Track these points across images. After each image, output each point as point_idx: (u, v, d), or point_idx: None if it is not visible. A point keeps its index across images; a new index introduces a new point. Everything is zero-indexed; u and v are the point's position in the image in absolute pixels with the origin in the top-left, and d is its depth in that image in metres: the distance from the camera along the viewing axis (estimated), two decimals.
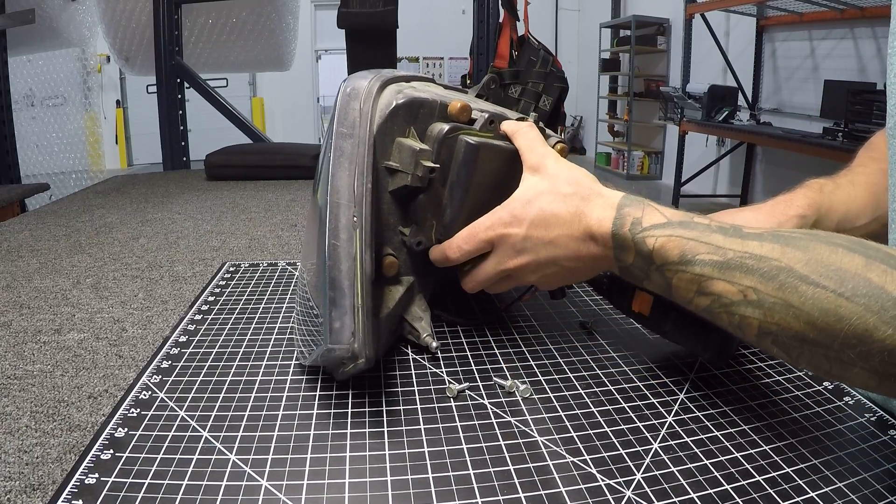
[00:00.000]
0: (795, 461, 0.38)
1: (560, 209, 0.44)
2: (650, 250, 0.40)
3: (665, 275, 0.40)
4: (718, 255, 0.37)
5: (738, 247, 0.36)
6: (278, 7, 2.72)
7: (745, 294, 0.35)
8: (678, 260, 0.38)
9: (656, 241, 0.39)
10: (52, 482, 0.36)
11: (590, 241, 0.43)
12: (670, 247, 0.39)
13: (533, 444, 0.39)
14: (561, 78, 0.69)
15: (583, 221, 0.43)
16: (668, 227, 0.40)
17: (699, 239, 0.38)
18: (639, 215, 0.41)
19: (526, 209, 0.45)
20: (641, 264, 0.41)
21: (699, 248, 0.38)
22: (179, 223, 1.04)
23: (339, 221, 0.42)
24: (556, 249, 0.44)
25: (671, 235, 0.39)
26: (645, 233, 0.40)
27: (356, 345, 0.39)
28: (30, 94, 3.78)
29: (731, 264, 0.36)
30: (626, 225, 0.41)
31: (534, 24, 3.17)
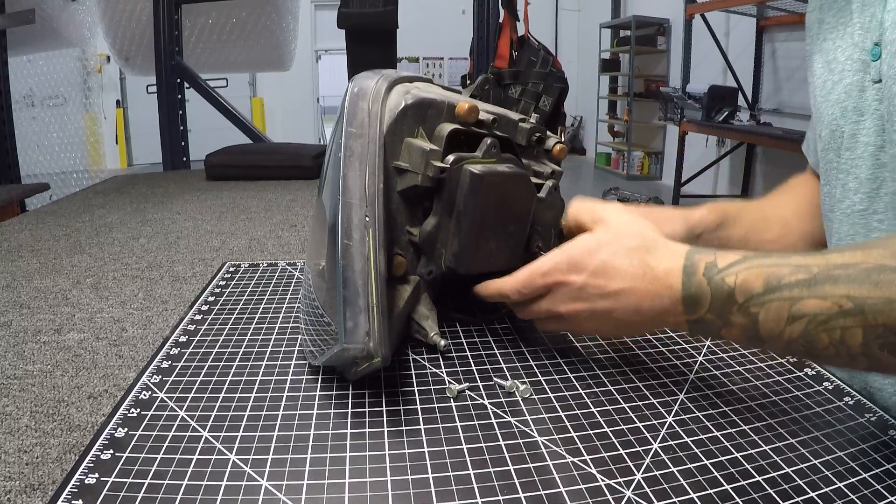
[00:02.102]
0: (795, 461, 0.38)
1: (624, 263, 0.43)
2: (731, 289, 0.38)
3: (750, 311, 0.38)
4: (803, 272, 0.36)
5: (821, 261, 0.36)
6: (278, 7, 2.72)
7: (841, 304, 0.34)
8: (763, 290, 0.37)
9: (737, 278, 0.38)
10: (52, 482, 0.36)
11: (654, 295, 0.42)
12: (753, 278, 0.37)
13: (533, 444, 0.39)
14: (561, 78, 0.69)
15: (648, 275, 0.42)
16: (745, 261, 0.39)
17: (779, 263, 0.37)
18: (712, 259, 0.40)
19: (587, 259, 0.44)
20: (720, 309, 0.39)
21: (782, 272, 0.36)
22: (179, 223, 1.04)
23: (351, 221, 0.42)
24: (616, 302, 0.43)
25: (751, 267, 0.38)
26: (723, 273, 0.39)
27: (371, 344, 0.39)
28: (30, 94, 3.78)
29: (819, 279, 0.35)
30: (699, 271, 0.40)
31: (534, 24, 3.18)
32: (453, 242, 0.50)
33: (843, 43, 0.53)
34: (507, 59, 2.69)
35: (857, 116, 0.51)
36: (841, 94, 0.53)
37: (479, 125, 0.51)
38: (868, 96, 0.50)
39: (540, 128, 0.56)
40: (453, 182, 0.48)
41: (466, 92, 0.61)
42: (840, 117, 0.53)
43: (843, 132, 0.53)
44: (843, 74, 0.53)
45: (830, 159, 0.55)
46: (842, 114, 0.53)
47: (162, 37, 2.18)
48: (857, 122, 0.51)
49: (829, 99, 0.54)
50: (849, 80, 0.52)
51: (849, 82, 0.52)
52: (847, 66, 0.52)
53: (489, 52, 2.69)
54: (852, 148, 0.52)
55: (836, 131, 0.54)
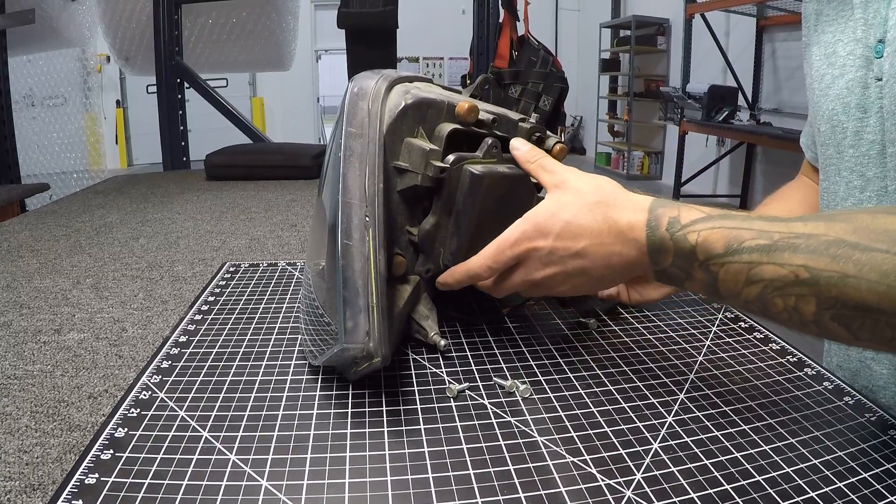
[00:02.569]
0: (795, 461, 0.38)
1: (586, 219, 0.43)
2: (693, 246, 0.39)
3: (710, 269, 0.38)
4: (764, 238, 0.36)
5: (783, 228, 0.36)
6: (278, 7, 2.72)
7: (797, 273, 0.34)
8: (724, 251, 0.37)
9: (699, 236, 0.38)
10: (52, 482, 0.36)
11: (621, 247, 0.42)
12: (714, 238, 0.38)
13: (533, 444, 0.39)
14: (561, 78, 0.69)
15: (612, 229, 0.42)
16: (708, 220, 0.39)
17: (742, 227, 0.37)
18: (675, 214, 0.40)
19: (551, 221, 0.44)
20: (682, 263, 0.40)
21: (744, 235, 0.37)
22: (179, 223, 1.04)
23: (351, 221, 0.42)
24: (585, 260, 0.44)
25: (713, 227, 0.38)
26: (685, 229, 0.39)
27: (371, 344, 0.39)
28: (30, 94, 3.78)
29: (779, 246, 0.35)
30: (662, 225, 0.40)
31: (534, 24, 3.18)
32: (452, 241, 0.50)
33: (844, 37, 0.53)
34: (507, 59, 2.69)
35: (860, 114, 0.51)
36: (842, 89, 0.52)
37: (479, 125, 0.51)
38: (871, 93, 0.50)
39: (540, 127, 0.56)
40: (453, 182, 0.48)
41: (466, 92, 0.61)
42: (842, 113, 0.53)
43: (845, 129, 0.52)
44: (844, 69, 0.52)
45: (830, 155, 0.55)
46: (843, 110, 0.52)
47: (162, 37, 2.18)
48: (860, 120, 0.51)
49: (828, 94, 0.54)
50: (851, 75, 0.52)
51: (851, 78, 0.52)
52: (849, 62, 0.52)
53: (489, 52, 2.69)
54: (857, 146, 0.51)
55: (837, 127, 0.53)
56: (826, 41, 0.55)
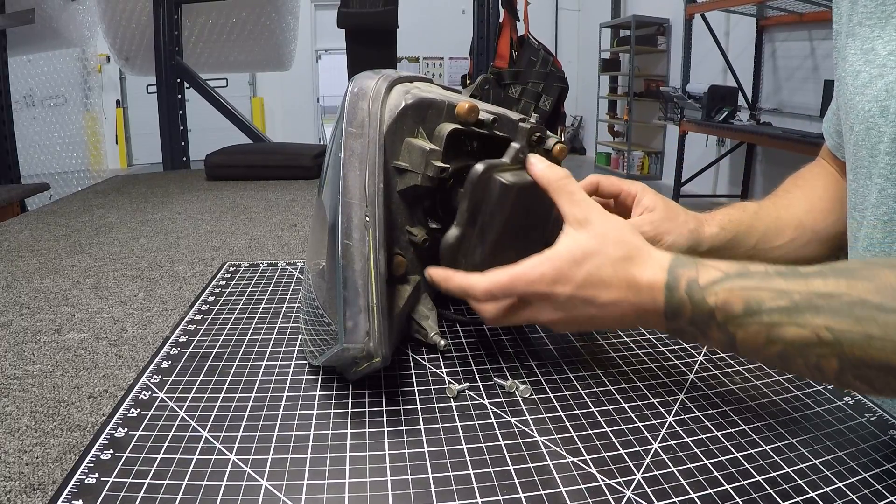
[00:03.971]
0: (795, 461, 0.38)
1: (609, 273, 0.42)
2: (712, 308, 0.38)
3: (728, 330, 0.38)
4: (784, 299, 0.35)
5: (803, 287, 0.35)
6: (278, 7, 2.72)
7: (819, 334, 0.34)
8: (743, 312, 0.37)
9: (717, 298, 0.38)
10: (52, 482, 0.36)
11: (638, 304, 0.41)
12: (733, 300, 0.37)
13: (533, 444, 0.39)
14: (561, 78, 0.69)
15: (632, 286, 0.41)
16: (726, 280, 0.38)
17: (761, 287, 0.37)
18: (694, 275, 0.39)
19: (574, 270, 0.42)
20: (699, 323, 0.39)
21: (763, 296, 0.36)
22: (179, 223, 1.04)
23: (351, 221, 0.42)
24: (600, 311, 0.43)
25: (732, 288, 0.37)
26: (704, 291, 0.38)
27: (371, 344, 0.39)
28: (30, 94, 3.78)
29: (800, 307, 0.35)
30: (681, 287, 0.39)
31: (534, 24, 3.18)
32: (475, 252, 0.48)
33: (885, 35, 0.50)
34: (507, 59, 2.69)
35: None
36: (881, 91, 0.50)
37: (479, 125, 0.51)
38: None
39: (540, 127, 0.56)
40: (480, 191, 0.47)
41: (466, 92, 0.61)
42: (879, 116, 0.50)
43: (881, 133, 0.50)
44: (883, 70, 0.50)
45: (863, 157, 0.53)
46: (881, 113, 0.50)
47: (162, 37, 2.18)
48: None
49: (864, 93, 0.52)
50: (891, 77, 0.49)
51: (891, 80, 0.49)
52: (889, 62, 0.49)
53: (489, 52, 2.69)
54: (893, 153, 0.49)
55: (873, 130, 0.51)
56: (863, 35, 0.53)
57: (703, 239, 0.56)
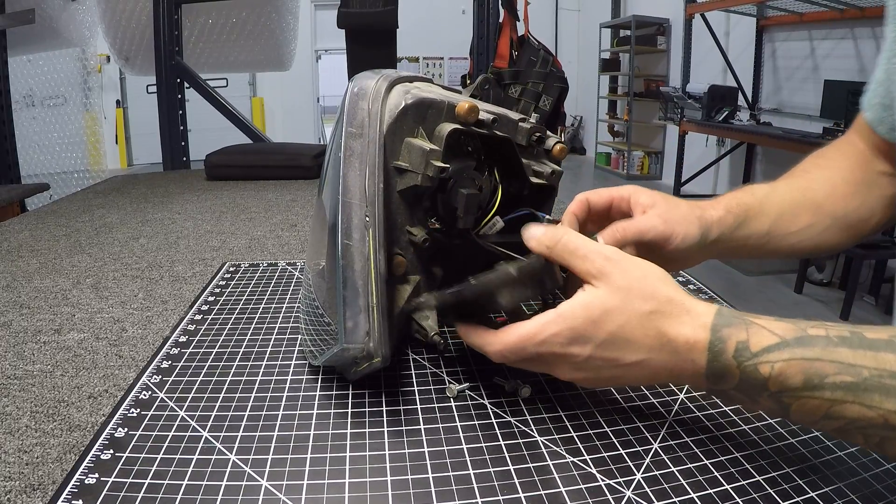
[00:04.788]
0: (795, 461, 0.38)
1: (637, 332, 0.37)
2: (765, 379, 0.34)
3: (782, 401, 0.34)
4: (850, 374, 0.32)
5: (872, 363, 0.32)
6: (278, 7, 2.72)
7: (888, 419, 0.31)
8: (802, 386, 0.33)
9: (773, 368, 0.34)
10: (52, 482, 0.36)
11: (674, 365, 0.37)
12: (791, 373, 0.33)
13: (533, 444, 0.39)
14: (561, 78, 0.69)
15: (666, 347, 0.36)
16: (783, 348, 0.34)
17: (824, 358, 0.33)
18: (744, 338, 0.35)
19: (592, 330, 0.37)
20: (749, 391, 0.35)
21: (826, 370, 0.32)
22: (179, 223, 1.04)
23: (351, 221, 0.42)
24: (626, 372, 0.38)
25: (790, 359, 0.33)
26: (756, 359, 0.34)
27: (371, 344, 0.39)
28: (30, 94, 3.78)
29: (868, 385, 0.32)
30: (728, 351, 0.35)
31: (534, 24, 3.18)
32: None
33: None
34: (507, 59, 2.69)
35: None
36: None
37: (479, 125, 0.51)
38: None
39: (540, 127, 0.56)
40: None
41: (466, 92, 0.61)
42: None
43: None
44: None
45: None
46: None
47: (162, 37, 2.18)
48: None
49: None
50: None
51: None
52: None
53: (489, 52, 2.69)
54: None
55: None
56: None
57: (710, 225, 0.51)
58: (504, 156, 0.54)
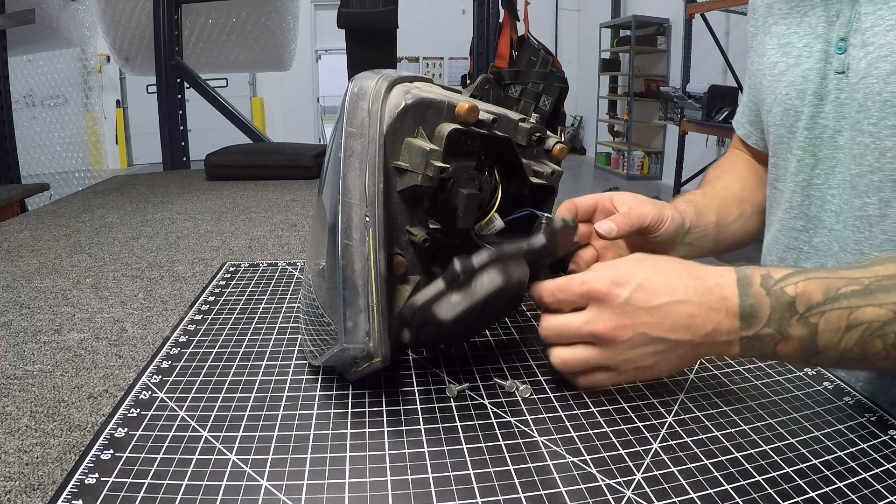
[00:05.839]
0: (795, 461, 0.38)
1: (671, 276, 0.41)
2: (793, 298, 0.38)
3: (810, 321, 0.38)
4: (857, 284, 0.38)
5: (868, 273, 0.38)
6: (278, 7, 2.72)
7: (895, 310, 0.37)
8: (823, 299, 0.38)
9: (797, 288, 0.38)
10: (52, 482, 0.36)
11: (708, 308, 0.39)
12: (812, 289, 0.38)
13: (533, 444, 0.39)
14: (561, 78, 0.69)
15: (698, 287, 0.40)
16: (800, 273, 0.39)
17: (832, 276, 0.39)
18: (765, 272, 0.40)
19: (632, 271, 0.41)
20: (779, 320, 0.39)
21: (838, 283, 0.38)
22: (179, 223, 1.04)
23: (351, 221, 0.42)
24: (663, 317, 0.40)
25: (809, 278, 0.39)
26: (781, 283, 0.39)
27: (371, 344, 0.39)
28: (30, 94, 3.78)
29: (872, 289, 0.37)
30: (754, 283, 0.39)
31: (534, 24, 3.18)
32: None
33: (801, 30, 0.59)
34: (507, 59, 2.69)
35: (817, 101, 0.56)
36: (797, 77, 0.58)
37: (479, 125, 0.51)
38: (830, 85, 0.55)
39: (540, 127, 0.56)
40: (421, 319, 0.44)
41: (466, 92, 0.61)
42: (796, 98, 0.58)
43: (799, 112, 0.58)
44: (799, 59, 0.58)
45: (782, 135, 0.61)
46: (798, 95, 0.58)
47: (162, 37, 2.18)
48: (817, 106, 0.56)
49: (781, 80, 0.60)
50: (807, 65, 0.57)
51: (807, 68, 0.57)
52: (804, 53, 0.58)
53: (489, 52, 2.69)
54: (811, 128, 0.57)
55: (791, 110, 0.59)
56: (780, 32, 0.61)
57: (683, 215, 0.59)
58: (504, 156, 0.54)
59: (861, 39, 0.52)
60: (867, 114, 0.52)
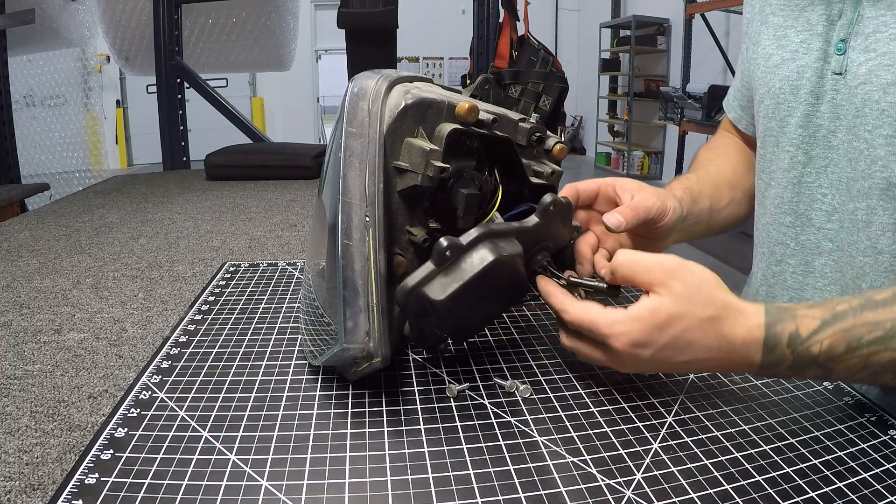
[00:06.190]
0: (795, 461, 0.38)
1: (697, 336, 0.40)
2: (816, 355, 0.40)
3: (827, 367, 0.40)
4: (879, 330, 0.39)
5: (891, 315, 0.39)
6: (278, 7, 2.72)
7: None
8: (845, 351, 0.40)
9: (822, 346, 0.40)
10: (52, 482, 0.36)
11: (729, 360, 0.41)
12: (836, 343, 0.40)
13: (533, 444, 0.39)
14: (561, 78, 0.69)
15: (724, 347, 0.41)
16: (826, 327, 0.40)
17: (856, 324, 0.40)
18: (794, 328, 0.40)
19: (657, 335, 0.40)
20: (797, 367, 0.41)
21: (861, 332, 0.40)
22: (179, 223, 1.04)
23: (351, 221, 0.42)
24: (683, 367, 0.42)
25: (836, 333, 0.40)
26: (808, 342, 0.40)
27: (371, 344, 0.40)
28: (30, 94, 3.78)
29: (892, 333, 0.39)
30: (782, 343, 0.40)
31: (534, 24, 3.18)
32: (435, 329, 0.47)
33: (799, 25, 0.58)
34: (507, 59, 2.69)
35: (812, 99, 0.56)
36: (792, 72, 0.58)
37: (479, 125, 0.51)
38: (826, 84, 0.55)
39: (540, 127, 0.56)
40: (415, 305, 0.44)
41: (466, 92, 0.61)
42: (790, 93, 0.58)
43: (792, 108, 0.58)
44: (795, 55, 0.58)
45: (772, 127, 0.61)
46: (792, 91, 0.58)
47: (162, 37, 2.18)
48: (812, 105, 0.56)
49: (776, 73, 0.59)
50: (803, 62, 0.57)
51: (803, 64, 0.57)
52: (801, 49, 0.57)
53: (489, 52, 2.69)
54: (805, 126, 0.57)
55: (783, 105, 0.59)
56: (777, 23, 0.60)
57: (682, 202, 0.60)
58: (504, 156, 0.54)
59: (863, 44, 0.52)
60: (864, 119, 0.52)
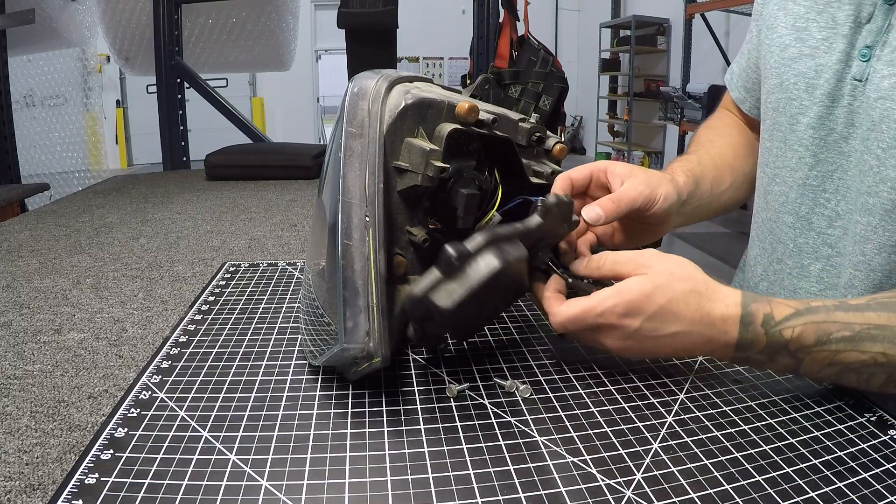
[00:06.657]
0: (795, 461, 0.38)
1: (680, 306, 0.43)
2: (787, 340, 0.42)
3: (798, 356, 0.42)
4: (847, 330, 0.41)
5: (861, 319, 0.42)
6: (278, 7, 2.72)
7: (875, 359, 0.41)
8: (814, 342, 0.42)
9: (793, 332, 0.42)
10: (52, 482, 0.36)
11: (709, 336, 0.43)
12: (807, 333, 0.42)
13: (533, 444, 0.39)
14: (561, 78, 0.69)
15: (704, 319, 0.43)
16: (799, 316, 0.42)
17: (827, 320, 0.42)
18: (769, 311, 0.43)
19: (644, 303, 0.43)
20: (771, 352, 0.43)
21: (831, 328, 0.42)
22: (179, 223, 1.04)
23: (351, 221, 0.42)
24: (667, 342, 0.44)
25: (806, 323, 0.42)
26: (780, 326, 0.42)
27: (371, 344, 0.40)
28: (30, 94, 3.78)
29: (860, 336, 0.41)
30: (757, 321, 0.42)
31: (534, 24, 3.18)
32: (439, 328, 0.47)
33: (822, 20, 0.55)
34: (507, 59, 2.69)
35: (828, 102, 0.54)
36: (809, 69, 0.55)
37: (479, 125, 0.51)
38: (845, 89, 0.53)
39: (540, 127, 0.56)
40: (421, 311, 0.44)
41: (466, 92, 0.61)
42: (804, 91, 0.56)
43: (804, 106, 0.56)
44: (815, 52, 0.55)
45: (781, 122, 0.59)
46: (807, 88, 0.56)
47: (162, 37, 2.18)
48: (827, 108, 0.54)
49: (791, 66, 0.57)
50: (823, 60, 0.54)
51: (822, 63, 0.54)
52: (823, 47, 0.55)
53: (489, 52, 2.69)
54: (818, 127, 0.55)
55: (795, 101, 0.57)
56: (797, 13, 0.57)
57: (681, 187, 0.59)
58: (504, 156, 0.54)
59: (890, 56, 0.49)
60: (879, 135, 0.50)
